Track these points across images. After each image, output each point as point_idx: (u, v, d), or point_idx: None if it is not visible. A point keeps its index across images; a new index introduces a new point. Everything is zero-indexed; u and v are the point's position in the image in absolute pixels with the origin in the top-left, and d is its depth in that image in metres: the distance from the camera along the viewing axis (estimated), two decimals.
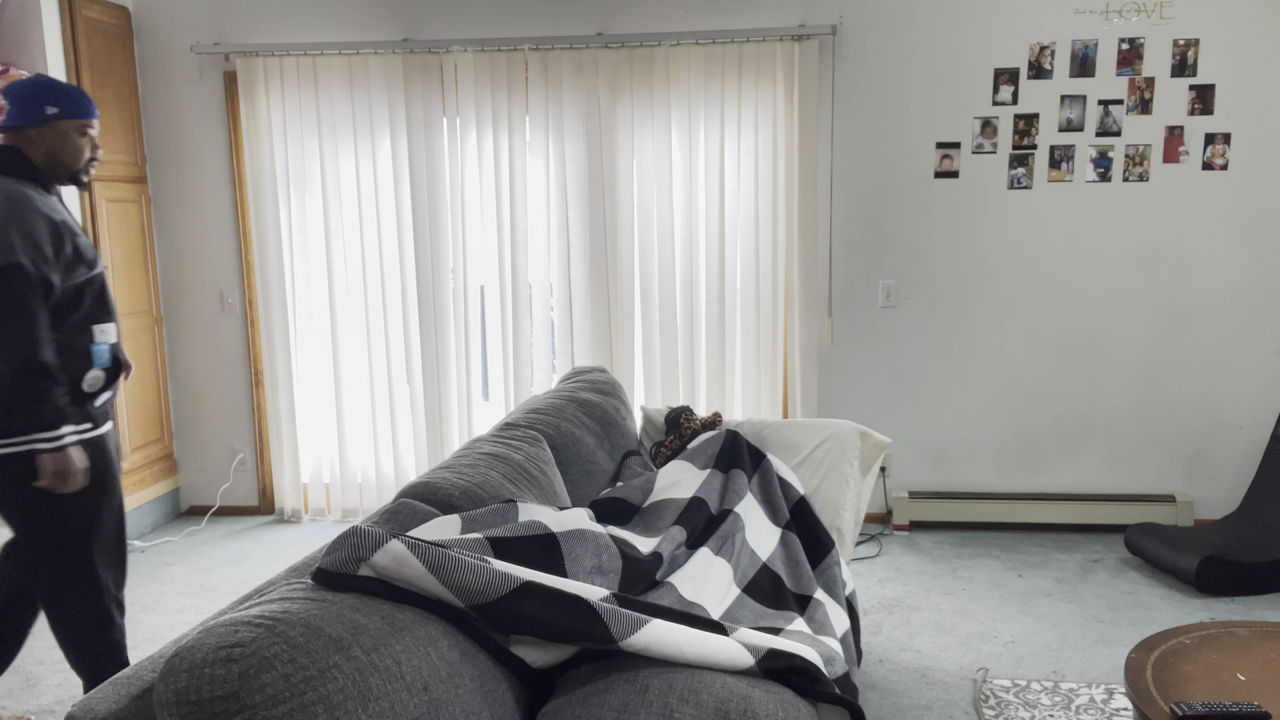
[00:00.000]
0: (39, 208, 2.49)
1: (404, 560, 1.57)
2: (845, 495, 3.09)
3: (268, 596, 1.47)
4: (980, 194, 4.38)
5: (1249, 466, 4.40)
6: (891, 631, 3.46)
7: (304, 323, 4.78)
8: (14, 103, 2.57)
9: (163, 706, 1.25)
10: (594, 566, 2.01)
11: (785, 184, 4.40)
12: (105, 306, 2.65)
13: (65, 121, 2.60)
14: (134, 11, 4.66)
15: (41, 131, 2.58)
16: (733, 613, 2.26)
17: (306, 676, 1.29)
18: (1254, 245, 4.28)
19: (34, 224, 2.46)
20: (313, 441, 4.88)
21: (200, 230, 4.79)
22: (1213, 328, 4.35)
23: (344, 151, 4.60)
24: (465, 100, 4.50)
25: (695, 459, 2.83)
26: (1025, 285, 4.41)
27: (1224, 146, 4.23)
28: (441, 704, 1.44)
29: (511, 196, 4.52)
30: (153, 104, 4.73)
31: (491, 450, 2.43)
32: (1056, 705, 2.90)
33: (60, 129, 2.60)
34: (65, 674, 3.28)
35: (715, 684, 1.63)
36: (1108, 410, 4.44)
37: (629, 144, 4.45)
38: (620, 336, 4.58)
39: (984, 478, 4.56)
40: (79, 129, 2.62)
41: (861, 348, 4.53)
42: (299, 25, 4.59)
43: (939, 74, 4.32)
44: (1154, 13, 4.19)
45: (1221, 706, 2.03)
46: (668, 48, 4.36)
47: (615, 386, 3.35)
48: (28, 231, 2.44)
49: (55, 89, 2.60)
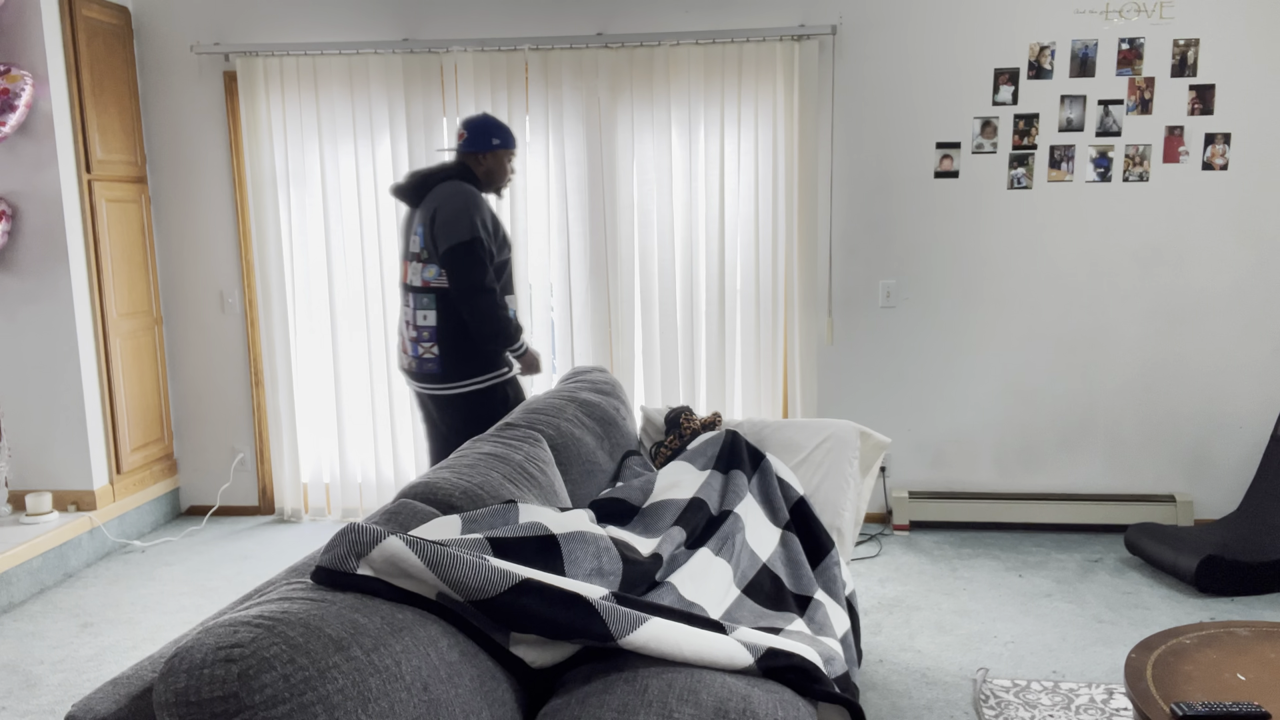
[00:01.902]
0: (484, 203, 3.42)
1: (402, 556, 1.57)
2: (845, 495, 3.09)
3: (267, 596, 1.47)
4: (980, 194, 4.38)
5: (1249, 466, 4.40)
6: (891, 631, 3.46)
7: (304, 323, 4.78)
8: (471, 133, 3.50)
9: (162, 707, 1.25)
10: (594, 569, 2.01)
11: (785, 184, 4.40)
12: (510, 285, 3.56)
13: (503, 151, 3.52)
14: (134, 11, 4.66)
15: (486, 157, 3.51)
16: (732, 613, 2.26)
17: (306, 677, 1.29)
18: (1254, 245, 4.28)
19: (485, 212, 3.39)
20: (313, 441, 4.87)
21: (200, 230, 4.79)
22: (1213, 327, 4.35)
23: (344, 152, 4.60)
24: (465, 100, 4.49)
25: (695, 460, 2.83)
26: (1025, 285, 4.41)
27: (1224, 146, 4.23)
28: (441, 704, 1.44)
29: (511, 196, 4.52)
30: (153, 104, 4.73)
31: (491, 450, 2.43)
32: (1056, 705, 2.90)
33: (499, 156, 3.52)
34: (65, 674, 3.28)
35: (715, 683, 1.62)
36: (1107, 410, 4.44)
37: (629, 144, 4.45)
38: (620, 336, 4.58)
39: (984, 478, 4.56)
40: (509, 156, 3.56)
41: (861, 348, 4.53)
42: (299, 25, 4.59)
43: (939, 74, 4.32)
44: (1154, 13, 4.19)
45: (1221, 706, 2.03)
46: (668, 48, 4.36)
47: (615, 386, 3.35)
48: (482, 217, 3.36)
49: (498, 126, 3.51)
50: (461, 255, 3.30)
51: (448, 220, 3.31)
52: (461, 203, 3.33)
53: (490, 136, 3.49)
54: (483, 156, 3.50)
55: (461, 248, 3.30)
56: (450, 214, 3.31)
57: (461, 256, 3.30)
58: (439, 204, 3.35)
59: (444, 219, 3.32)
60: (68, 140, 4.21)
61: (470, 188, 3.40)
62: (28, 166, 4.16)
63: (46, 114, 4.12)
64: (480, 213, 3.35)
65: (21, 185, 4.18)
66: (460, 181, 3.41)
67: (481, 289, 3.32)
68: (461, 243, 3.30)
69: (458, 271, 3.32)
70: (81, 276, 4.29)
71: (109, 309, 4.42)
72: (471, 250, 3.30)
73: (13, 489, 4.36)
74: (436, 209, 3.35)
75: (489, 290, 3.33)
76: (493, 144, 3.49)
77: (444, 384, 3.47)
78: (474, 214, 3.32)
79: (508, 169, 3.56)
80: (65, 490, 4.34)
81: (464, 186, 3.38)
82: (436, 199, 3.36)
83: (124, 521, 4.52)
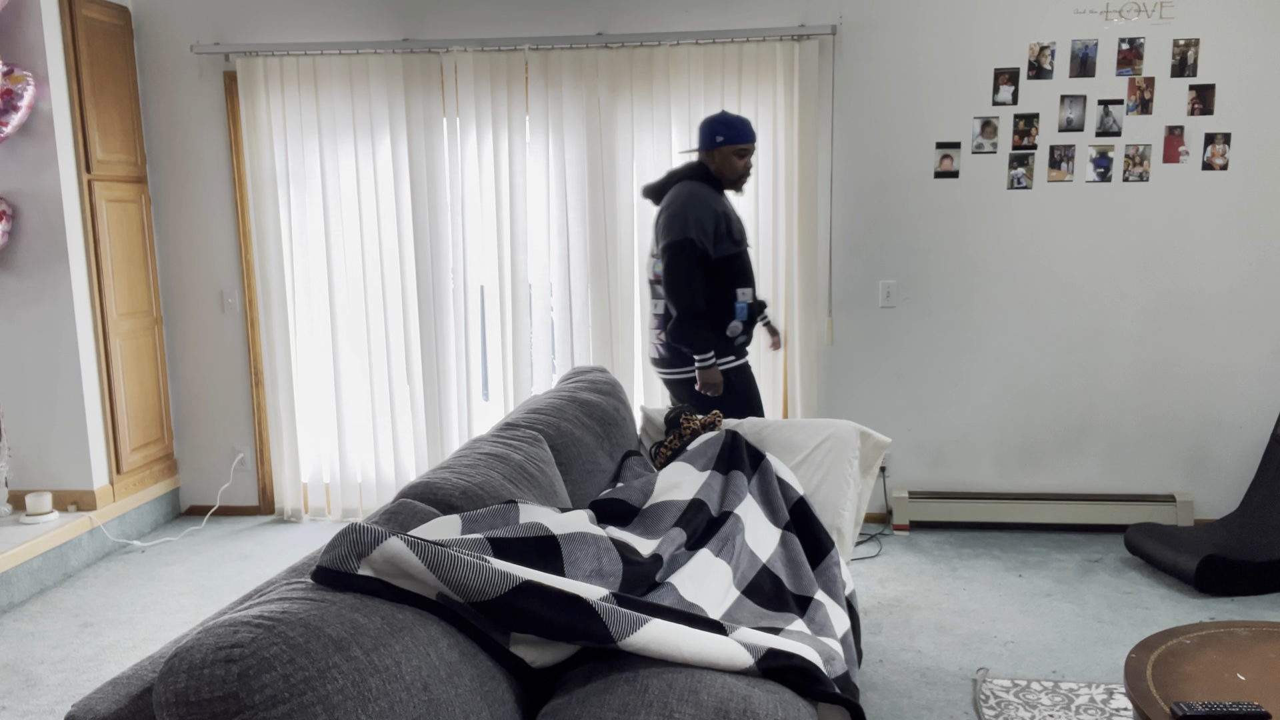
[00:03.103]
0: (708, 202, 3.57)
1: (403, 557, 1.57)
2: (845, 495, 3.09)
3: (267, 597, 1.47)
4: (980, 194, 4.38)
5: (1249, 466, 4.40)
6: (891, 631, 3.46)
7: (304, 323, 4.78)
8: (701, 132, 3.68)
9: (162, 707, 1.25)
10: (594, 570, 2.01)
11: (785, 184, 4.40)
12: (746, 276, 3.70)
13: (729, 147, 3.62)
14: (134, 11, 4.66)
15: (715, 155, 3.64)
16: (732, 614, 2.26)
17: (306, 677, 1.29)
18: (1254, 245, 4.28)
19: (702, 213, 3.54)
20: (313, 442, 4.88)
21: (200, 230, 4.79)
22: (1212, 328, 4.35)
23: (344, 151, 4.60)
24: (465, 100, 4.50)
25: (695, 460, 2.82)
26: (1025, 285, 4.41)
27: (1224, 146, 4.23)
28: (441, 704, 1.44)
29: (511, 196, 4.52)
30: (153, 104, 4.73)
31: (491, 450, 2.43)
32: (1056, 705, 2.90)
33: (725, 152, 3.63)
34: (65, 674, 3.28)
35: (715, 684, 1.62)
36: (1107, 410, 4.44)
37: (629, 144, 4.45)
38: (620, 336, 4.58)
39: (984, 478, 4.56)
40: (735, 151, 3.62)
41: (861, 348, 4.53)
42: (299, 25, 4.59)
43: (939, 74, 4.32)
44: (1154, 13, 4.19)
45: (1221, 706, 2.03)
46: (668, 48, 4.36)
47: (615, 386, 3.35)
48: (697, 217, 3.53)
49: (724, 122, 3.60)
50: (671, 255, 3.54)
51: (666, 221, 3.57)
52: (679, 204, 3.54)
53: (714, 134, 3.61)
54: (713, 154, 3.64)
55: (672, 247, 3.53)
56: (669, 215, 3.56)
57: (671, 256, 3.54)
58: (665, 204, 3.62)
59: (664, 219, 3.58)
60: (68, 140, 4.21)
61: (698, 188, 3.58)
62: (28, 166, 4.16)
63: (46, 114, 4.12)
64: (698, 213, 3.52)
65: (22, 185, 4.18)
66: (692, 181, 3.61)
67: (680, 290, 3.53)
68: (672, 243, 3.53)
69: (666, 270, 3.57)
70: (81, 276, 4.29)
71: (109, 309, 4.42)
72: (680, 251, 3.51)
73: (13, 489, 4.36)
74: (662, 209, 3.63)
75: (688, 294, 3.52)
76: (716, 141, 3.61)
77: (668, 369, 3.80)
78: (688, 215, 3.51)
79: (737, 165, 3.65)
80: (65, 490, 4.34)
81: (691, 187, 3.58)
82: (667, 199, 3.63)
83: (124, 521, 4.52)
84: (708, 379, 3.63)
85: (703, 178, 3.66)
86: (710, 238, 3.55)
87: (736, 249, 3.65)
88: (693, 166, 3.71)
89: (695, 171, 3.68)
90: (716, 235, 3.57)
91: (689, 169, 3.71)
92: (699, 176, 3.66)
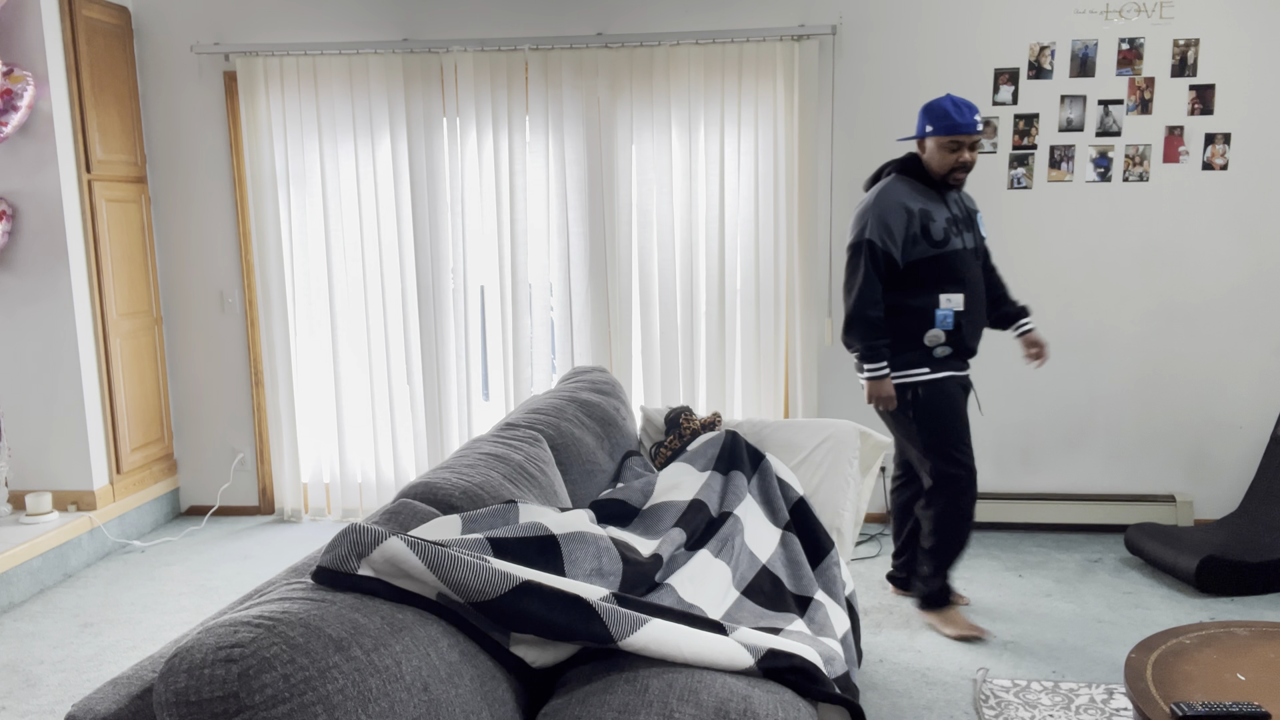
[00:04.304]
0: (899, 199, 3.30)
1: (403, 557, 1.57)
2: (845, 495, 3.09)
3: (267, 596, 1.47)
4: (980, 194, 4.37)
5: (1249, 466, 4.40)
6: (891, 631, 3.46)
7: (304, 323, 4.78)
8: (918, 119, 3.38)
9: (162, 707, 1.25)
10: (594, 569, 2.01)
11: (785, 184, 4.40)
12: (954, 279, 3.32)
13: (935, 137, 3.30)
14: (134, 11, 4.66)
15: (922, 144, 3.36)
16: (732, 615, 2.26)
17: (306, 677, 1.29)
18: (1254, 245, 4.28)
19: (889, 212, 3.28)
20: (313, 442, 4.88)
21: (200, 230, 4.79)
22: (1212, 328, 4.35)
23: (344, 151, 4.60)
24: (465, 100, 4.50)
25: (695, 461, 2.83)
26: (1025, 285, 4.41)
27: (1224, 146, 4.23)
28: (441, 704, 1.44)
29: (511, 196, 4.53)
30: (153, 104, 4.73)
31: (492, 450, 2.43)
32: (1056, 705, 2.90)
33: (936, 143, 3.31)
34: (65, 674, 3.28)
35: (715, 684, 1.62)
36: (1107, 410, 4.44)
37: (629, 144, 4.45)
38: (620, 336, 4.58)
39: (984, 477, 4.55)
40: (944, 144, 3.29)
41: None
42: (299, 25, 4.59)
43: (939, 74, 4.32)
44: (1154, 13, 4.19)
45: (1221, 706, 2.03)
46: (668, 48, 4.36)
47: (615, 386, 3.35)
48: (881, 217, 3.27)
49: (932, 111, 3.30)
50: (848, 256, 3.39)
51: (853, 221, 3.39)
52: (865, 205, 3.35)
53: (923, 123, 3.34)
54: (923, 144, 3.38)
55: (850, 249, 3.37)
56: (856, 215, 3.39)
57: (848, 258, 3.39)
58: (861, 202, 3.43)
59: (853, 219, 3.40)
60: (68, 140, 4.21)
61: (892, 185, 3.33)
62: (28, 166, 4.16)
63: (46, 114, 4.12)
64: (882, 213, 3.28)
65: (22, 185, 4.18)
66: (894, 176, 3.37)
67: (849, 294, 3.35)
68: (851, 244, 3.37)
69: (846, 270, 3.41)
70: (81, 276, 4.29)
71: (109, 309, 4.42)
72: (855, 252, 3.33)
73: (13, 489, 4.36)
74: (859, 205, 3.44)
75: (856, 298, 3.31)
76: (925, 130, 3.33)
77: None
78: (870, 216, 3.30)
79: (949, 159, 3.31)
80: (65, 490, 4.34)
81: (887, 184, 3.35)
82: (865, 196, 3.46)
83: (124, 521, 4.52)
84: (875, 391, 3.36)
85: (913, 170, 3.38)
86: (897, 240, 3.27)
87: (936, 251, 3.29)
88: (900, 160, 3.42)
89: (901, 165, 3.40)
90: (908, 236, 3.28)
91: (900, 161, 3.43)
92: (908, 169, 3.38)
